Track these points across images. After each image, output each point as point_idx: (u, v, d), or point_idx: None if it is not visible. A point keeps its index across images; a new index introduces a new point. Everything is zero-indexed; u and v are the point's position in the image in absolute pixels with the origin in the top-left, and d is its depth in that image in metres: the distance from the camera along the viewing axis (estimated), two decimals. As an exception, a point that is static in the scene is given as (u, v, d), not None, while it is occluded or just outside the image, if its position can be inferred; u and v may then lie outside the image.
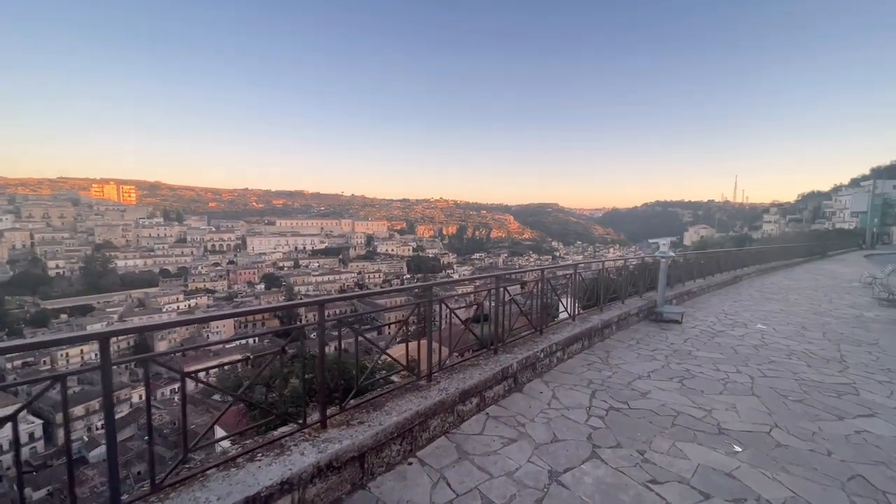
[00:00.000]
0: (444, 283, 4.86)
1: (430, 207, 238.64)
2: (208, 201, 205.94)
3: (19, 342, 1.99)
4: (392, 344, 3.86)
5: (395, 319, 4.13)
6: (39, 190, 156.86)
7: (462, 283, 5.74)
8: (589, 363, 5.88)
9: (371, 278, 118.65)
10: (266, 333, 3.64)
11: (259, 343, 48.91)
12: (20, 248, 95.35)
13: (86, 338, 2.14)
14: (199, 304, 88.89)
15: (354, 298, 7.03)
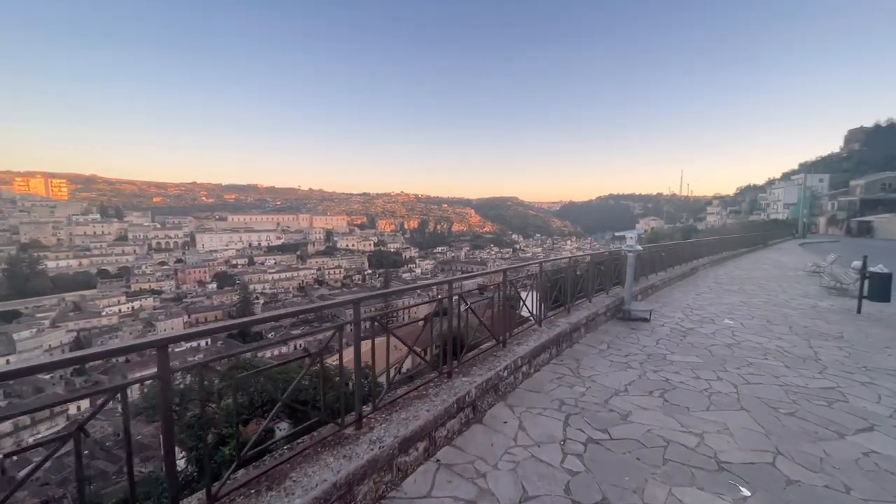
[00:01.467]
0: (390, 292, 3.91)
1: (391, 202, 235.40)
2: (152, 196, 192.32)
3: (78, 354, 1.79)
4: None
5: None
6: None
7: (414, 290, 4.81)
8: (559, 376, 5.15)
9: (331, 274, 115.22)
10: (308, 335, 2.87)
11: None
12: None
13: (146, 346, 2.01)
14: (143, 305, 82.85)
15: (392, 294, 6.08)
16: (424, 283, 3.80)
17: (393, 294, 3.48)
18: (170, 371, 2.02)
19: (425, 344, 3.82)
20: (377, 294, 3.18)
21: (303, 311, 2.71)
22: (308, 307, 2.59)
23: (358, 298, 2.83)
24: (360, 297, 2.87)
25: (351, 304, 2.82)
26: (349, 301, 2.83)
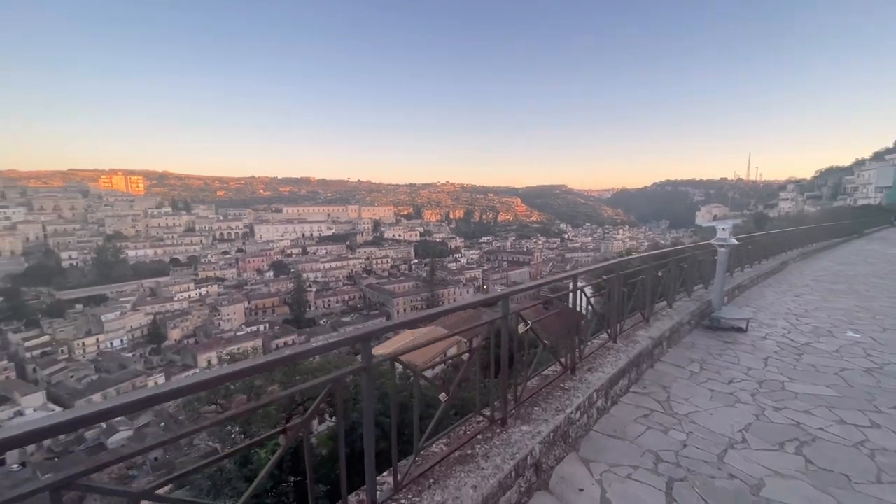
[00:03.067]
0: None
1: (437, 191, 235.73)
2: (216, 189, 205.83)
3: (288, 354, 1.77)
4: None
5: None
6: (50, 182, 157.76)
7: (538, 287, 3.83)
8: (645, 413, 3.99)
9: (379, 264, 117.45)
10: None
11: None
12: (34, 241, 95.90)
13: (351, 340, 2.01)
14: (209, 292, 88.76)
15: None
16: (471, 301, 2.80)
17: (423, 319, 2.50)
18: (372, 362, 1.94)
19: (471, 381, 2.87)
20: (400, 323, 2.25)
21: (302, 353, 1.83)
22: (304, 350, 1.72)
23: (367, 333, 1.92)
24: (371, 331, 1.96)
25: (359, 340, 1.91)
26: (354, 338, 1.90)
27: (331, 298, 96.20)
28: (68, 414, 1.10)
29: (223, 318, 77.93)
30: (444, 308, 2.37)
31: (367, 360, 1.94)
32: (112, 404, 1.17)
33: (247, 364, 1.54)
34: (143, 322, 74.02)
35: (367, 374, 1.94)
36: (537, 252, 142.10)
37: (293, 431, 1.65)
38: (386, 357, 2.06)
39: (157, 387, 1.19)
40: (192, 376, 1.33)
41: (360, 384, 1.93)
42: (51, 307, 74.94)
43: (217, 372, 1.49)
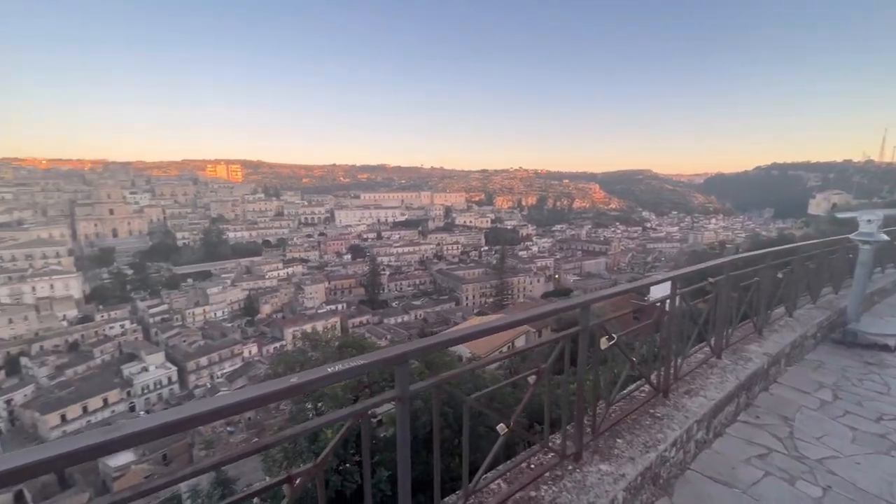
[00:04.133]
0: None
1: (509, 178, 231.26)
2: (301, 177, 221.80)
3: (315, 376, 1.43)
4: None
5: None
6: (168, 171, 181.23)
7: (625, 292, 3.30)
8: (760, 452, 3.19)
9: (449, 250, 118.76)
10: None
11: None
12: (156, 222, 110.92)
13: (384, 363, 1.64)
14: (294, 272, 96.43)
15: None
16: (543, 310, 2.27)
17: (479, 334, 1.99)
18: (407, 390, 1.61)
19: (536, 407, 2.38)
20: (447, 341, 1.81)
21: (326, 377, 1.47)
22: (327, 374, 1.36)
23: (402, 353, 1.49)
24: (407, 352, 1.53)
25: (392, 362, 1.49)
26: (386, 360, 1.47)
27: (403, 282, 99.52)
28: (75, 443, 0.98)
29: (306, 296, 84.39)
30: (507, 320, 1.90)
31: (401, 388, 1.58)
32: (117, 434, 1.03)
33: (257, 392, 1.18)
34: (239, 297, 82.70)
35: (401, 404, 1.56)
36: (615, 241, 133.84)
37: (304, 478, 1.30)
38: (427, 385, 1.64)
39: (179, 410, 1.09)
40: (207, 401, 1.11)
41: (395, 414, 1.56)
42: (168, 280, 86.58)
43: (223, 401, 1.15)
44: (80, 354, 59.36)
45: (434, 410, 1.67)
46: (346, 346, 13.49)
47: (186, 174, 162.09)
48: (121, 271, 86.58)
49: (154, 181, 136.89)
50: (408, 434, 1.57)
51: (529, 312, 2.10)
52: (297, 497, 1.30)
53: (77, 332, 63.27)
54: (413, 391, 1.58)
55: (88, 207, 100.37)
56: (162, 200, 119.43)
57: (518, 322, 2.15)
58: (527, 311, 2.50)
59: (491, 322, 1.98)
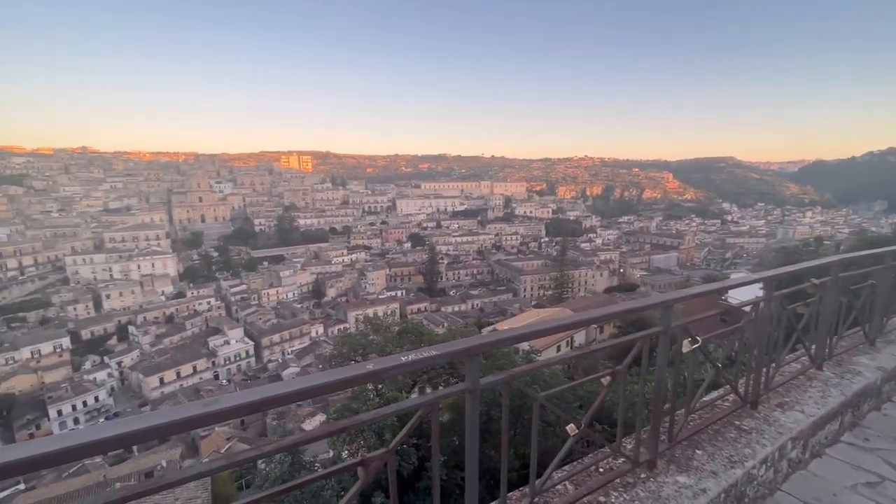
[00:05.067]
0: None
1: (573, 166, 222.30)
2: (366, 167, 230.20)
3: (376, 367, 1.43)
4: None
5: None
6: (248, 162, 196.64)
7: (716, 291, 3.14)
8: (869, 480, 2.78)
9: (508, 240, 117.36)
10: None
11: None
12: (237, 209, 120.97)
13: (454, 354, 1.66)
14: (358, 258, 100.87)
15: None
16: (622, 308, 2.12)
17: (551, 330, 1.88)
18: (478, 382, 1.59)
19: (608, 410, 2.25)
20: (520, 335, 1.73)
21: (391, 368, 1.49)
22: (394, 365, 1.37)
23: (474, 346, 1.45)
24: (479, 345, 1.50)
25: (463, 354, 1.47)
26: (458, 352, 1.45)
27: (460, 271, 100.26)
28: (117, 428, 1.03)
29: (368, 281, 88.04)
30: (587, 315, 1.80)
31: (472, 380, 1.56)
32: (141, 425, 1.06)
33: (320, 381, 1.21)
34: (308, 280, 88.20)
35: (472, 396, 1.55)
36: (689, 235, 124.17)
37: (377, 462, 1.35)
38: (498, 380, 1.61)
39: (222, 399, 1.12)
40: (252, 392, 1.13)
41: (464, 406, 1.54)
42: (247, 263, 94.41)
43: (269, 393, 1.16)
44: (174, 326, 67.02)
45: (504, 405, 1.64)
46: (405, 332, 13.92)
47: (263, 165, 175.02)
48: (208, 253, 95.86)
49: (236, 172, 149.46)
50: (477, 426, 1.56)
51: (608, 309, 1.96)
52: (371, 479, 1.34)
53: (172, 307, 71.33)
54: (484, 384, 1.55)
55: (182, 195, 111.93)
56: (242, 189, 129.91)
57: (599, 318, 2.03)
58: (606, 307, 2.35)
59: (570, 317, 1.89)
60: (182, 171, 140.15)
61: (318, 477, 1.37)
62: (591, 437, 2.08)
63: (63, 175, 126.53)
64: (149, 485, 1.09)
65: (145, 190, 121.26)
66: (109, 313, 68.03)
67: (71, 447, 0.96)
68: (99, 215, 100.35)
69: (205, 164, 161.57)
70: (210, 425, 2.07)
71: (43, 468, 0.99)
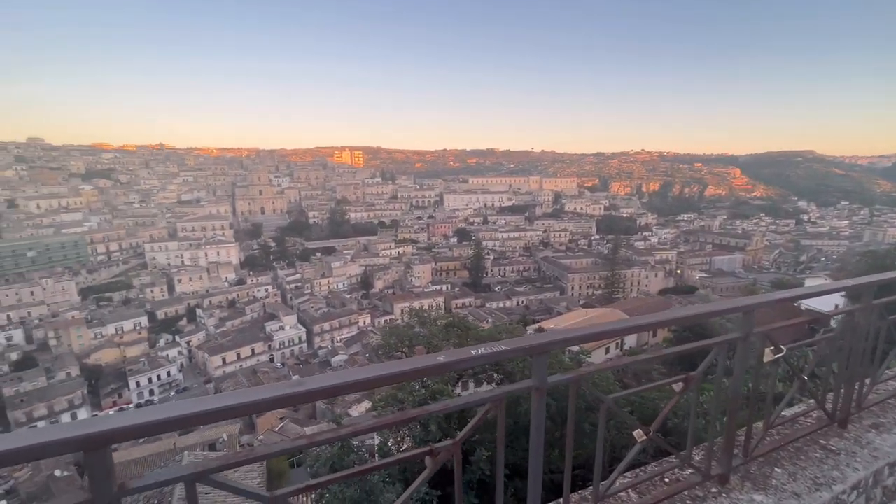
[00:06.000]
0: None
1: (628, 161, 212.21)
2: (415, 162, 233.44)
3: (447, 359, 1.44)
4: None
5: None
6: (304, 157, 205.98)
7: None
8: None
9: (556, 237, 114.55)
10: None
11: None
12: (293, 202, 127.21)
13: (523, 351, 1.62)
14: (405, 252, 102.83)
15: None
16: (698, 311, 1.97)
17: (623, 331, 1.78)
18: (545, 381, 1.57)
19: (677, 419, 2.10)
20: (591, 334, 1.66)
21: (454, 362, 1.50)
22: (457, 360, 1.38)
23: (544, 344, 1.42)
24: (548, 342, 1.45)
25: (532, 352, 1.45)
26: (526, 349, 1.44)
27: (506, 267, 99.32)
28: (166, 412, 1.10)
29: (415, 275, 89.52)
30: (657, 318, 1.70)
31: (539, 378, 1.53)
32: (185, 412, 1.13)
33: (365, 375, 1.25)
34: (357, 271, 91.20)
35: (539, 395, 1.52)
36: (757, 236, 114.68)
37: (444, 453, 1.36)
38: (565, 379, 1.57)
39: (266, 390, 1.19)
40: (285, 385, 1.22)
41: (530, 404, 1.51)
42: (301, 253, 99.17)
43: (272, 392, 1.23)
44: (236, 310, 71.95)
45: (570, 405, 1.59)
46: (451, 326, 14.04)
47: (318, 160, 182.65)
48: (266, 243, 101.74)
49: (293, 166, 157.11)
50: (542, 425, 1.53)
51: (684, 312, 1.83)
52: (438, 469, 1.35)
53: (234, 292, 76.57)
54: (552, 383, 1.52)
55: (244, 189, 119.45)
56: (298, 183, 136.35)
57: (676, 320, 1.92)
58: (681, 309, 2.22)
59: (644, 319, 1.79)
60: (245, 166, 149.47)
61: (390, 462, 1.42)
62: (658, 445, 1.96)
63: (143, 169, 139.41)
64: (245, 454, 1.24)
65: (213, 183, 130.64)
66: (181, 296, 74.26)
67: (189, 414, 1.09)
68: (173, 206, 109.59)
69: (265, 159, 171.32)
70: (297, 405, 2.32)
71: (156, 433, 1.17)
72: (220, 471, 1.14)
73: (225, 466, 1.16)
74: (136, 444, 25.37)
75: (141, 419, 1.04)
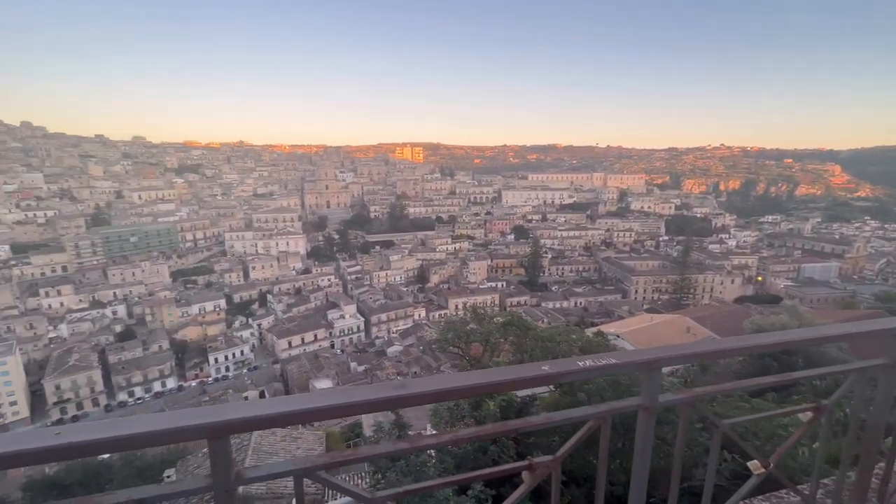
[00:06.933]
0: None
1: (705, 157, 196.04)
2: (474, 158, 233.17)
3: (553, 370, 1.41)
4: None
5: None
6: (367, 154, 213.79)
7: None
8: None
9: (620, 237, 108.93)
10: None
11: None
12: (356, 197, 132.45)
13: (632, 366, 1.56)
14: (461, 248, 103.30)
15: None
16: (835, 332, 1.65)
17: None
18: (657, 399, 1.44)
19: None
20: (703, 351, 1.42)
21: (557, 374, 1.36)
22: (560, 372, 1.25)
23: (656, 359, 1.27)
24: (661, 357, 1.29)
25: (643, 367, 1.30)
26: (636, 363, 1.28)
27: (565, 267, 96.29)
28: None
29: (470, 271, 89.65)
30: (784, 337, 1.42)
31: (649, 396, 1.41)
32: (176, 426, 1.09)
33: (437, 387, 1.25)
34: (414, 265, 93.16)
35: (647, 413, 1.39)
36: (859, 242, 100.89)
37: (542, 469, 1.27)
38: (678, 399, 1.37)
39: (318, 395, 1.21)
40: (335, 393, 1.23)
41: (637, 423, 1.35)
42: (362, 246, 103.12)
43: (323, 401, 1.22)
44: (301, 297, 76.61)
45: (680, 428, 1.40)
46: (510, 325, 13.77)
47: (380, 156, 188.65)
48: (330, 235, 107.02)
49: (357, 162, 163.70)
50: (650, 446, 1.36)
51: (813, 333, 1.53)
52: (536, 484, 1.30)
53: (300, 281, 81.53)
54: (663, 402, 1.36)
55: (312, 183, 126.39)
56: (361, 179, 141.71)
57: (806, 341, 1.61)
58: (828, 327, 1.88)
59: (767, 337, 1.53)
60: (313, 162, 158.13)
61: (485, 475, 1.36)
62: (776, 478, 1.68)
63: (226, 165, 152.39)
64: (350, 454, 1.29)
65: (284, 178, 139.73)
66: (254, 282, 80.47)
67: (300, 410, 1.17)
68: (250, 199, 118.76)
69: (332, 155, 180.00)
70: (399, 408, 2.32)
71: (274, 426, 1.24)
72: (327, 468, 1.19)
73: (332, 464, 1.21)
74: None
75: (257, 412, 1.09)
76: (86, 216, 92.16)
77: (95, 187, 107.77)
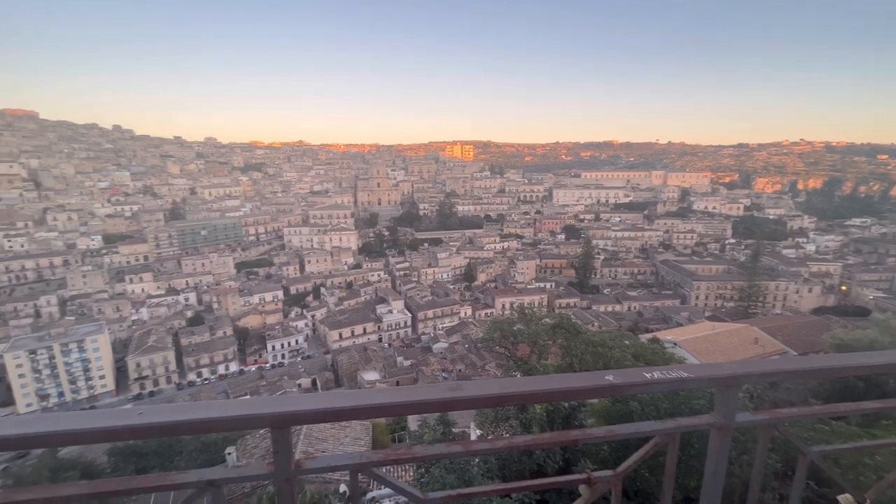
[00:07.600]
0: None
1: (780, 153, 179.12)
2: (525, 156, 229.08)
3: (618, 380, 1.42)
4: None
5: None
6: (418, 152, 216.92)
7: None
8: None
9: (680, 239, 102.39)
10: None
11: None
12: (406, 194, 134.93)
13: (708, 382, 1.45)
14: (509, 246, 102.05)
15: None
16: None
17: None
18: (733, 418, 1.38)
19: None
20: (794, 369, 1.26)
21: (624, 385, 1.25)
22: (626, 383, 1.14)
23: (733, 376, 1.19)
24: (742, 373, 1.18)
25: (719, 383, 1.20)
26: (711, 379, 1.17)
27: (618, 269, 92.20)
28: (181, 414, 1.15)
29: (518, 270, 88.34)
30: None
31: (725, 415, 1.35)
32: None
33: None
34: (461, 263, 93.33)
35: (720, 433, 1.31)
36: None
37: (603, 484, 1.27)
38: (758, 420, 1.23)
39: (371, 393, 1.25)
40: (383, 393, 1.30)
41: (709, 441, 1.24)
42: (411, 242, 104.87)
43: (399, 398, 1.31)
44: (352, 291, 79.36)
45: (759, 451, 1.29)
46: (559, 327, 13.36)
47: (430, 154, 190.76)
48: (380, 232, 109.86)
49: (408, 160, 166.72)
50: (724, 468, 1.28)
51: None
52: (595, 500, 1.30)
53: (351, 275, 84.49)
54: (740, 423, 1.32)
55: (365, 181, 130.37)
56: (411, 177, 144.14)
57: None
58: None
59: (871, 358, 1.32)
60: (366, 160, 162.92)
61: (544, 484, 1.34)
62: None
63: (286, 163, 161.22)
64: (403, 453, 1.31)
65: (339, 176, 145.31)
66: (309, 275, 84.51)
67: (358, 406, 1.19)
68: (307, 196, 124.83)
69: (384, 154, 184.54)
70: (454, 410, 2.37)
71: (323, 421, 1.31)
72: (380, 465, 1.23)
73: (386, 461, 1.25)
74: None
75: (320, 405, 1.15)
76: (164, 211, 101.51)
77: (173, 184, 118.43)
